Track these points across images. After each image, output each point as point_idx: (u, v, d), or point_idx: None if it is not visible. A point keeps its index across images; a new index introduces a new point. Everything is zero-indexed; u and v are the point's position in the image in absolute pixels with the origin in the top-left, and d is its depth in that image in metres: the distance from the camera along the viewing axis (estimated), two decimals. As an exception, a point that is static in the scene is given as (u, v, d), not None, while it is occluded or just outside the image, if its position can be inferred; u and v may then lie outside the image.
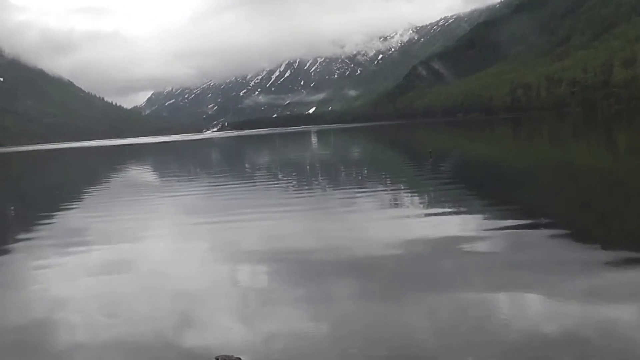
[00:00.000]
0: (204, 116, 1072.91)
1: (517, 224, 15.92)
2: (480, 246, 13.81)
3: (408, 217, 18.83)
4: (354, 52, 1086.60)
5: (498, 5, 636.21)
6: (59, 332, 9.85)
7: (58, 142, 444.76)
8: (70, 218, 24.12)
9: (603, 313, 8.88)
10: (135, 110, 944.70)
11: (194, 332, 9.41)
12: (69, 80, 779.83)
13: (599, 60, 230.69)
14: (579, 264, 11.58)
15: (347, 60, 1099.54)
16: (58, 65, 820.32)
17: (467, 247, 13.68)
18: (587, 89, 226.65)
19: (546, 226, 15.47)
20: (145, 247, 16.81)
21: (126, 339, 9.34)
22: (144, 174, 53.72)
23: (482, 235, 14.93)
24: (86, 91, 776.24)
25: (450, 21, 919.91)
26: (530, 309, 9.43)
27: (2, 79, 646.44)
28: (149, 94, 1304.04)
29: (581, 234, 14.39)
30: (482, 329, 8.70)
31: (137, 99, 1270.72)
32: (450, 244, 14.13)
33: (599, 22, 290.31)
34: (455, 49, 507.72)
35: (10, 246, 18.35)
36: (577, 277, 10.75)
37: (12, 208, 32.86)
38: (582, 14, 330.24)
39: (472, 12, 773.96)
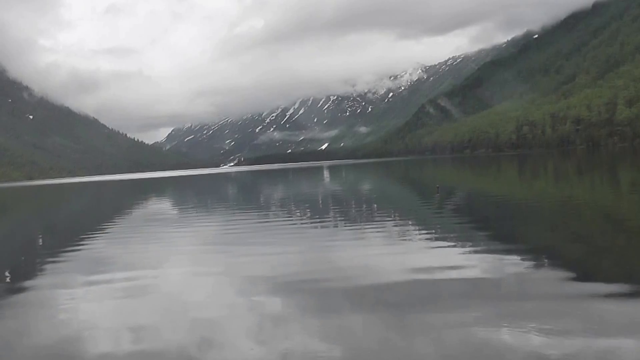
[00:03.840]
0: (222, 151, 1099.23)
1: (520, 258, 16.42)
2: (481, 274, 14.51)
3: (413, 249, 19.50)
4: (365, 91, 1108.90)
5: (504, 45, 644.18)
6: (87, 352, 10.57)
7: (84, 175, 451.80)
8: (95, 247, 24.73)
9: (601, 343, 9.34)
10: (156, 146, 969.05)
11: (214, 353, 10.14)
12: (94, 118, 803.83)
13: (603, 99, 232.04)
14: (577, 295, 12.08)
15: (358, 99, 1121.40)
16: (84, 104, 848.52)
17: (469, 278, 14.28)
18: (592, 127, 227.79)
19: (549, 262, 15.84)
20: (165, 276, 17.41)
21: (151, 359, 10.10)
22: (164, 206, 54.13)
23: (483, 264, 15.59)
24: (110, 128, 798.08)
25: (458, 61, 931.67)
26: (529, 336, 9.84)
27: (31, 117, 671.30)
28: (169, 130, 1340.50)
29: (580, 267, 14.84)
30: (481, 353, 9.26)
31: (158, 135, 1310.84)
32: (452, 273, 14.82)
33: (604, 61, 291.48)
34: (463, 87, 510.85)
35: (39, 272, 19.37)
36: (574, 307, 11.23)
37: (41, 237, 33.61)
38: (587, 52, 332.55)
39: (479, 52, 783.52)
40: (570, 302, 11.52)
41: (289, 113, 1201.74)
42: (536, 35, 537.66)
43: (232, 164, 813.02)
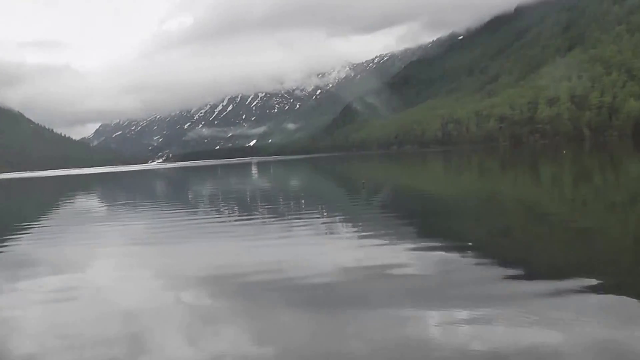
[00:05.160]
0: (150, 148, 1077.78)
1: (443, 248, 16.84)
2: (410, 270, 14.56)
3: (341, 243, 19.76)
4: (293, 88, 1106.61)
5: (430, 45, 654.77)
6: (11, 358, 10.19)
7: (8, 171, 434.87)
8: (18, 248, 23.80)
9: (527, 335, 9.41)
10: (83, 142, 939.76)
11: (144, 354, 9.95)
12: (19, 112, 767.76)
13: (526, 98, 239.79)
14: (503, 288, 12.25)
15: (286, 95, 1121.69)
16: (8, 98, 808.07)
17: (397, 271, 14.44)
18: (514, 125, 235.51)
19: (473, 253, 16.05)
20: (94, 274, 17.14)
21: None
22: (91, 204, 53.34)
23: (411, 260, 15.64)
24: (36, 122, 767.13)
25: (385, 59, 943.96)
26: (457, 329, 9.92)
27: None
28: (97, 125, 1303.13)
29: (506, 261, 14.96)
30: (411, 347, 9.31)
31: (86, 131, 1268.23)
32: (381, 267, 14.91)
33: (526, 62, 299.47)
34: (390, 85, 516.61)
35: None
36: (501, 300, 11.38)
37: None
38: (510, 54, 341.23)
39: (405, 51, 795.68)
40: (496, 295, 11.64)
41: (217, 110, 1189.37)
42: (461, 37, 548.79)
43: (160, 160, 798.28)
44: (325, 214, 30.14)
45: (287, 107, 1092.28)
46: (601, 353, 8.51)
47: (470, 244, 17.55)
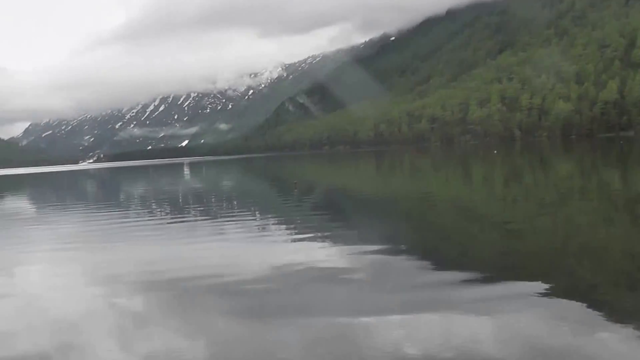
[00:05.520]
0: (81, 148, 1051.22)
1: (377, 249, 16.71)
2: (343, 270, 14.51)
3: (274, 244, 19.60)
4: (226, 88, 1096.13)
5: (362, 46, 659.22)
6: None
7: None
8: None
9: (460, 336, 9.40)
10: (12, 141, 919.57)
11: (74, 357, 9.69)
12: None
13: (457, 99, 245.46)
14: (435, 285, 12.36)
15: (218, 95, 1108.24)
16: None
17: (330, 273, 14.31)
18: (446, 125, 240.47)
19: (407, 255, 16.06)
20: (21, 279, 16.69)
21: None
22: (19, 205, 52.64)
23: (344, 260, 15.67)
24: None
25: (317, 60, 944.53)
26: (391, 333, 9.81)
27: None
28: (26, 125, 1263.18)
29: (439, 262, 14.90)
30: (344, 350, 9.19)
31: (14, 130, 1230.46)
32: (314, 268, 14.79)
33: (457, 64, 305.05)
34: (322, 86, 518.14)
35: None
36: (435, 302, 11.34)
37: None
38: (442, 56, 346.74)
39: (337, 52, 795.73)
40: (430, 298, 11.57)
41: (149, 109, 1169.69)
42: (393, 38, 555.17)
43: (91, 160, 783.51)
44: (258, 215, 30.08)
45: (219, 107, 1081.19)
46: (531, 350, 8.55)
47: (403, 246, 17.47)
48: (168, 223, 28.13)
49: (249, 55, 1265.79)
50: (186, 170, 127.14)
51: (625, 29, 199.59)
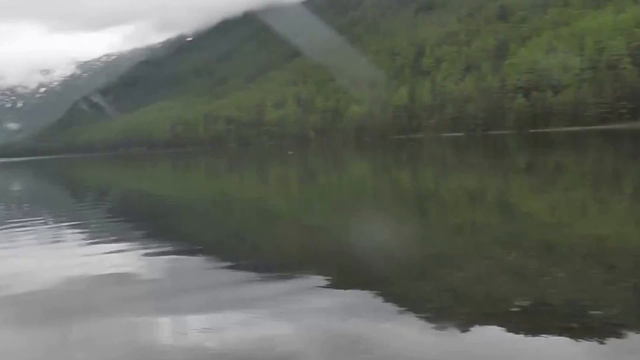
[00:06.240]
0: None
1: (174, 250, 16.34)
2: (140, 276, 13.73)
3: (69, 251, 17.96)
4: (15, 84, 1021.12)
5: (159, 46, 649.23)
6: None
7: None
8: None
9: (258, 334, 9.14)
10: None
11: None
12: None
13: (253, 101, 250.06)
14: (232, 283, 12.14)
15: (7, 92, 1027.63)
16: None
17: (127, 277, 13.55)
18: (243, 127, 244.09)
19: (204, 257, 15.59)
20: None
21: None
22: None
23: (142, 262, 15.06)
24: None
25: (112, 58, 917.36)
26: (189, 335, 9.37)
27: None
28: None
29: (236, 263, 14.56)
30: (141, 355, 8.56)
31: None
32: (110, 275, 13.82)
33: (254, 66, 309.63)
34: (117, 85, 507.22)
35: None
36: (233, 302, 11.01)
37: None
38: (239, 57, 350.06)
39: (133, 51, 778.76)
40: (228, 299, 11.17)
41: None
42: (190, 38, 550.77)
43: None
44: (50, 220, 27.76)
45: (8, 105, 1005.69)
46: (327, 340, 8.63)
47: (200, 247, 17.01)
48: None
49: (39, 51, 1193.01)
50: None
51: (414, 39, 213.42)
